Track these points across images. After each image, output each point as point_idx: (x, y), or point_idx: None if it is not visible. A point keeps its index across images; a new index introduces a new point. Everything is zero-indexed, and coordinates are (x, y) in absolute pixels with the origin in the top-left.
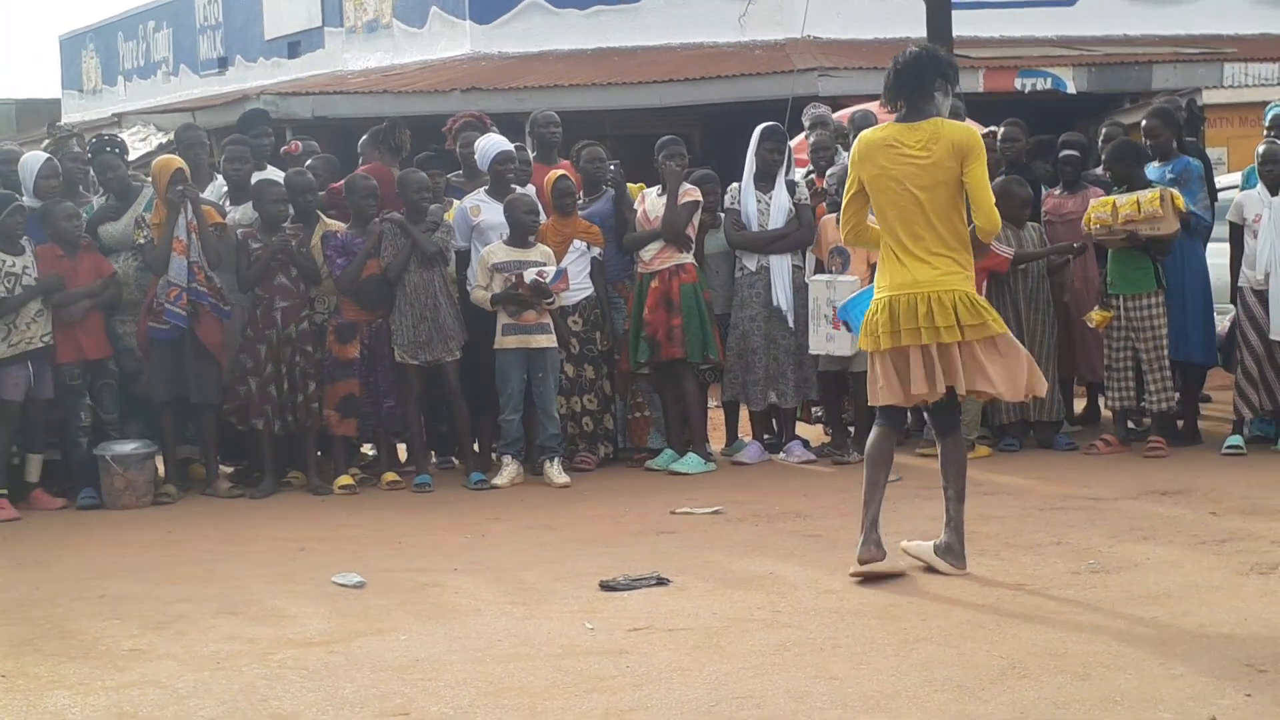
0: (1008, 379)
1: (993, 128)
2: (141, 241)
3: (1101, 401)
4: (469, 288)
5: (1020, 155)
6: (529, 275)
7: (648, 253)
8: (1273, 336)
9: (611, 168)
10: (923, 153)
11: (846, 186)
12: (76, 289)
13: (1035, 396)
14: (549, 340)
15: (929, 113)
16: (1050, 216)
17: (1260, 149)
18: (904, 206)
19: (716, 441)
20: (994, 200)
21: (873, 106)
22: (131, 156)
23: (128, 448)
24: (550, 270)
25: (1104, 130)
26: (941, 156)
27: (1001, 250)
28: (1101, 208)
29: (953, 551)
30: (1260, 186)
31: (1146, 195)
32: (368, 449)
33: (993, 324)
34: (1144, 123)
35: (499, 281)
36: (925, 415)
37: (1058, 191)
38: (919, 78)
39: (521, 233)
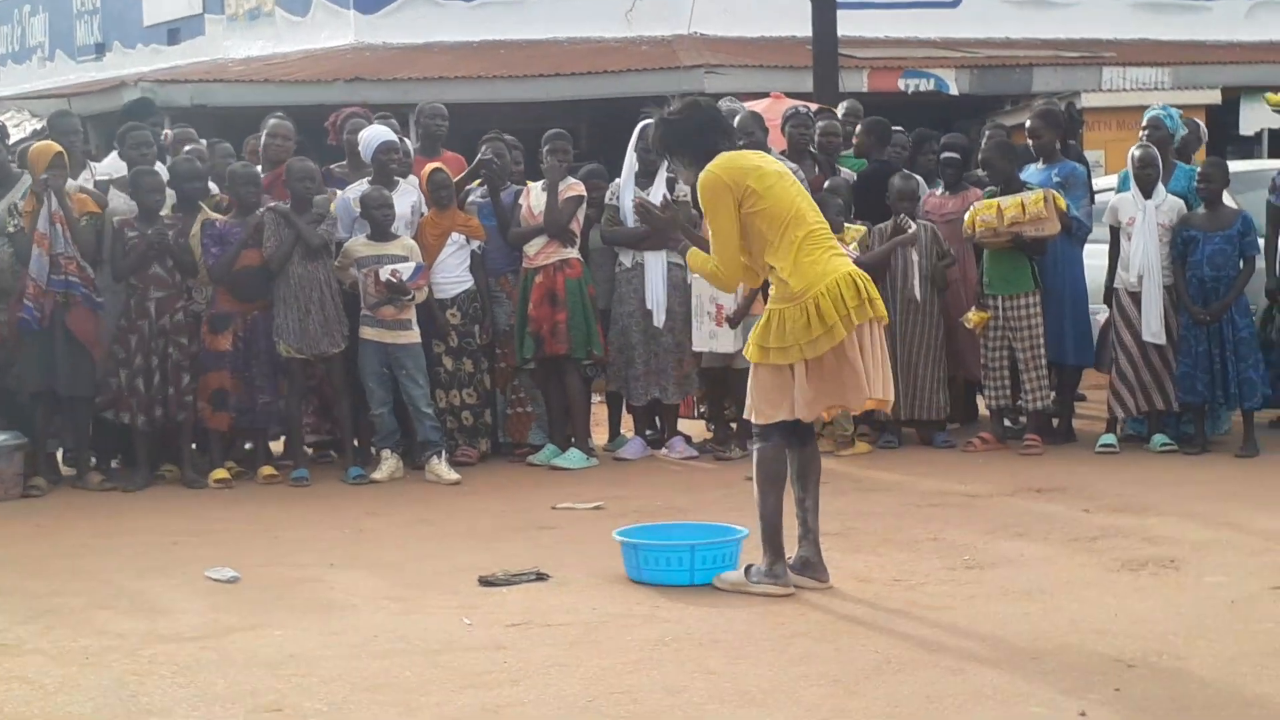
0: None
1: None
2: (11, 230)
3: (979, 400)
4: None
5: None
6: (383, 273)
7: (532, 248)
8: (1146, 338)
9: (493, 160)
10: (757, 161)
11: (714, 224)
12: None
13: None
14: (409, 337)
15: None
16: (932, 216)
17: (1135, 152)
18: (792, 195)
19: (599, 437)
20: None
21: (759, 105)
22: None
23: None
24: (409, 267)
25: (986, 132)
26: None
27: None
28: (986, 210)
29: (811, 565)
30: (1134, 190)
31: (1030, 197)
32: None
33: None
34: (1028, 124)
35: (360, 277)
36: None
37: (939, 192)
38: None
39: (378, 228)
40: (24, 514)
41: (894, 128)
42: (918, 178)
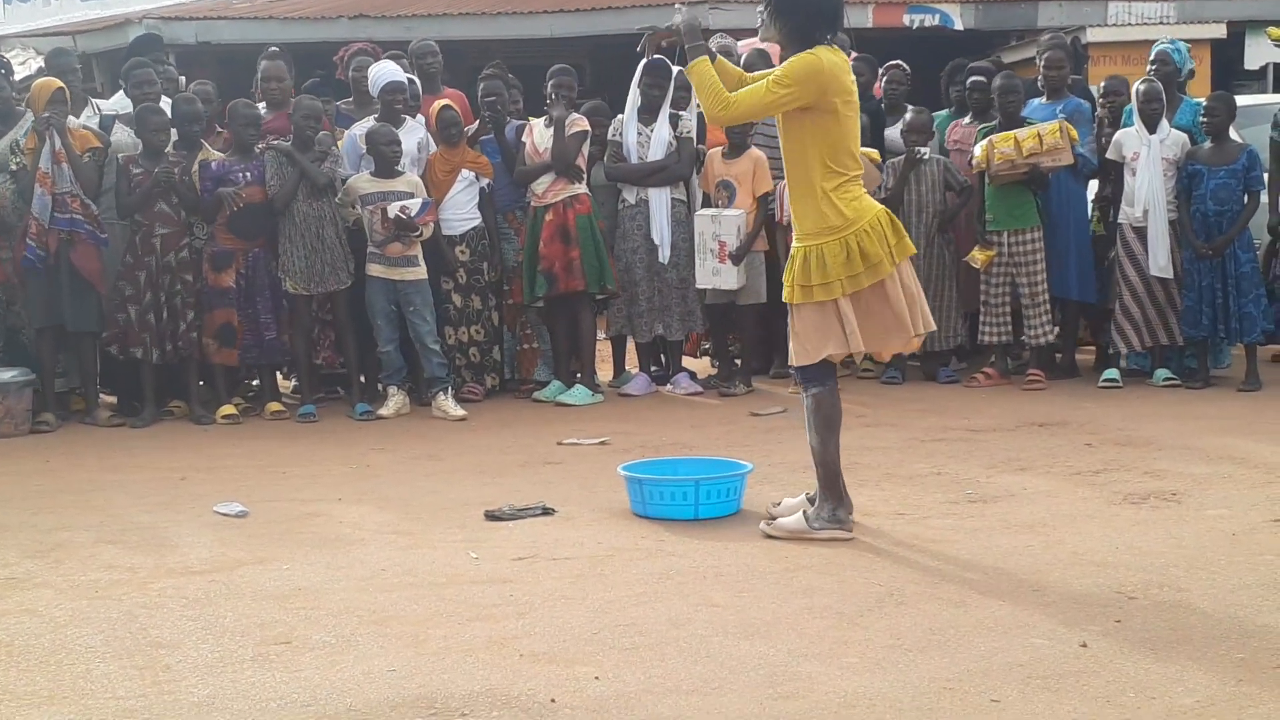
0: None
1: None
2: (14, 168)
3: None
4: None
5: (902, 99)
6: (391, 210)
7: (540, 185)
8: (1152, 272)
9: (494, 101)
10: (850, 80)
11: (774, 89)
12: None
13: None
14: (416, 274)
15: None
16: (959, 146)
17: (1140, 87)
18: (856, 134)
19: (604, 373)
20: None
21: (767, 46)
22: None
23: (5, 375)
24: (416, 203)
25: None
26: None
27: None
28: (1004, 142)
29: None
30: (1138, 124)
31: (1046, 128)
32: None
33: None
34: (1047, 54)
35: (366, 215)
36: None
37: (965, 121)
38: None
39: (385, 164)
40: (32, 449)
41: (896, 62)
42: (929, 112)
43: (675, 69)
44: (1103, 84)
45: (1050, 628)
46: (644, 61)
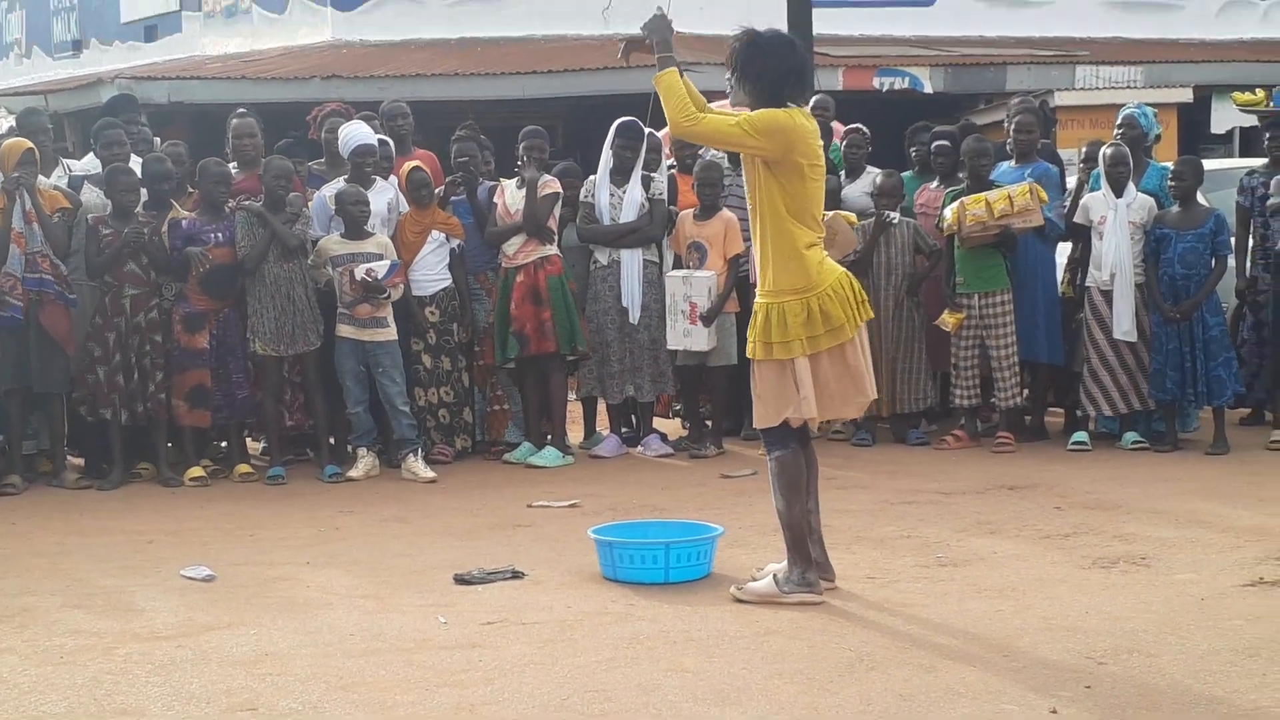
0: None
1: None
2: None
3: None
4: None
5: (862, 161)
6: (358, 273)
7: (511, 246)
8: (1115, 335)
9: (467, 162)
10: (817, 143)
11: (743, 128)
12: None
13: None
14: (386, 334)
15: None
16: (926, 209)
17: (1107, 151)
18: (820, 198)
19: (575, 435)
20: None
21: (736, 110)
22: None
23: None
24: (384, 265)
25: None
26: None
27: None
28: (975, 205)
29: (818, 565)
30: (1105, 188)
31: (1016, 190)
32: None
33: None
34: (1017, 119)
35: (336, 276)
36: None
37: (933, 185)
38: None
39: (353, 225)
40: None
41: (855, 125)
42: (899, 175)
43: (647, 130)
44: (1083, 148)
45: (1020, 694)
46: (617, 122)
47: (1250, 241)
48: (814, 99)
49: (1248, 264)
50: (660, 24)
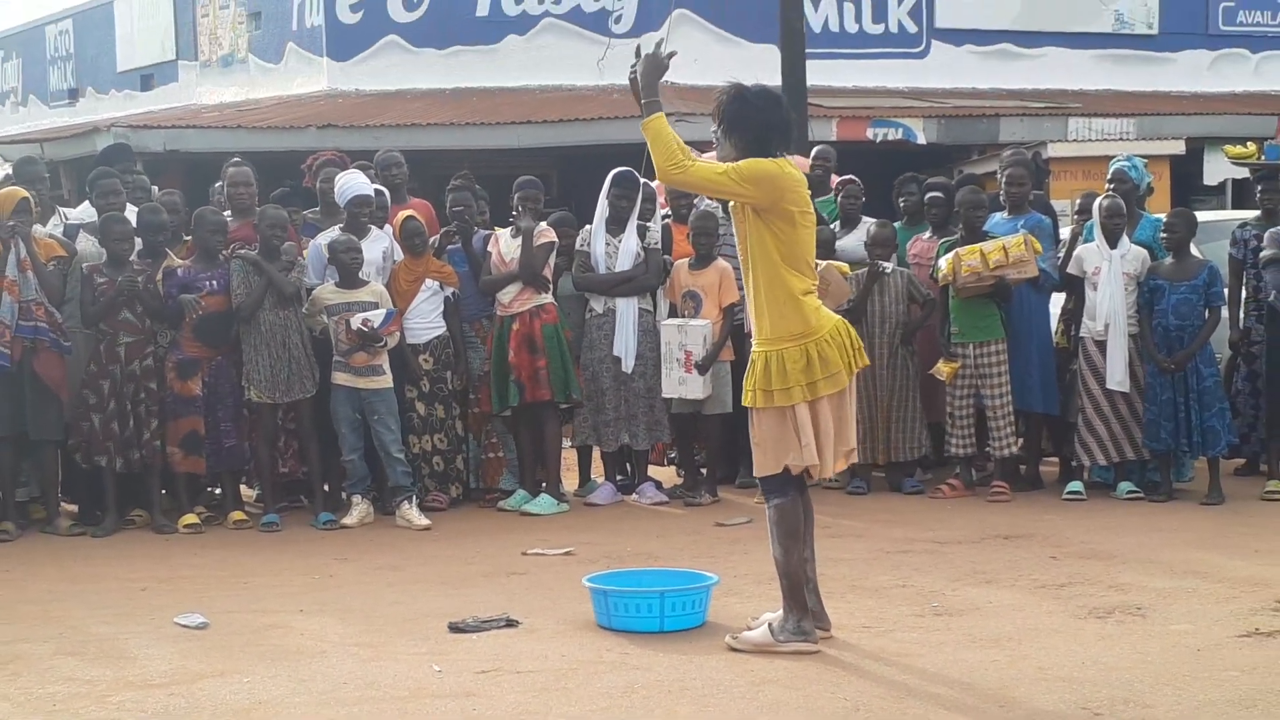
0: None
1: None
2: None
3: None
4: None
5: (857, 212)
6: (354, 323)
7: (506, 295)
8: (1109, 386)
9: (462, 211)
10: (805, 192)
11: (733, 175)
12: None
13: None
14: (381, 382)
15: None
16: (919, 260)
17: (1103, 202)
18: (811, 245)
19: (569, 483)
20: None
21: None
22: None
23: None
24: (379, 314)
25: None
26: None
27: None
28: (970, 255)
29: (814, 615)
30: (1100, 240)
31: (1011, 240)
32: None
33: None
34: (1009, 170)
35: (331, 324)
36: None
37: (926, 235)
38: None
39: (347, 274)
40: None
41: (849, 176)
42: (893, 225)
43: (642, 180)
44: (1078, 200)
45: None
46: (613, 172)
47: (1243, 293)
48: (815, 149)
49: (1241, 315)
50: (652, 64)
